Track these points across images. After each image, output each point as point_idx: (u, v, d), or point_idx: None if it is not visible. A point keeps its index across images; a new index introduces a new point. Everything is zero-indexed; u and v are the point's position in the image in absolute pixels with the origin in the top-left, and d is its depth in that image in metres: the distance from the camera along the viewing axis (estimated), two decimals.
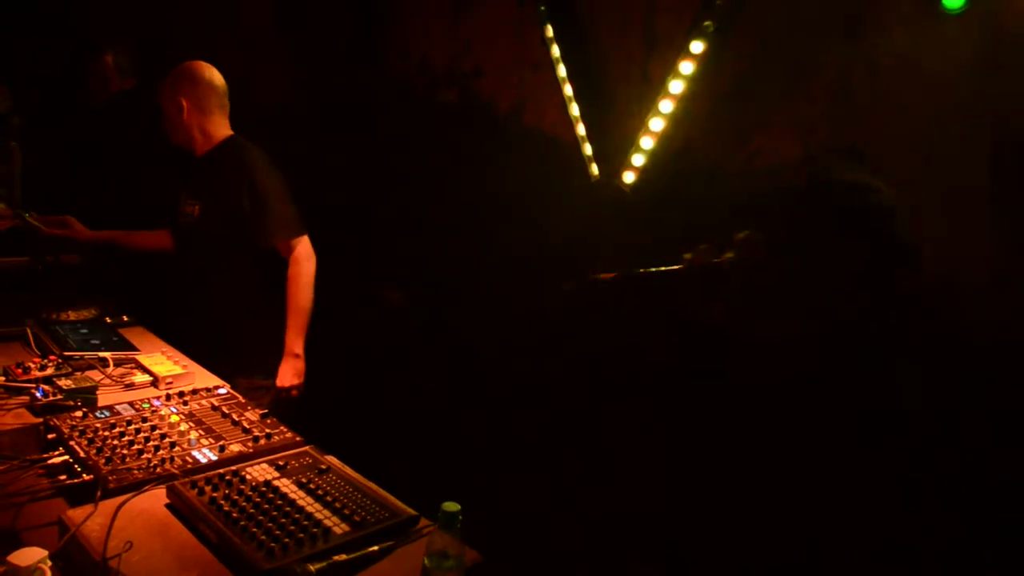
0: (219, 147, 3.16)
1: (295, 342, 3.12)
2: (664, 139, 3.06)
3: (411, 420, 3.92)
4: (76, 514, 1.68)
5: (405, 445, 3.72)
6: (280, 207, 3.08)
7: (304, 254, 3.12)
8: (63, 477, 1.90)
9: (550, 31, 3.35)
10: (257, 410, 2.33)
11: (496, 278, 3.72)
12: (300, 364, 3.14)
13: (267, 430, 2.18)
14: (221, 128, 3.18)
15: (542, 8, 3.34)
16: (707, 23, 2.82)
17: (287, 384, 3.11)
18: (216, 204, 3.11)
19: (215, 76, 3.15)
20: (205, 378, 2.65)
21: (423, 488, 1.98)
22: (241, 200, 3.03)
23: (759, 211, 1.74)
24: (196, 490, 1.80)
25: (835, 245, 1.61)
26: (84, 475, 1.88)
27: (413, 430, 3.87)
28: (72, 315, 3.05)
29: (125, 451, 1.98)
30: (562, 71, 3.32)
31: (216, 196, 3.11)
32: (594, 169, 3.29)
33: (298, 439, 2.17)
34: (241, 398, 2.43)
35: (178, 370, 2.59)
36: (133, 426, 2.12)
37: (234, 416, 2.26)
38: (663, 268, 1.87)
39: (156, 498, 1.84)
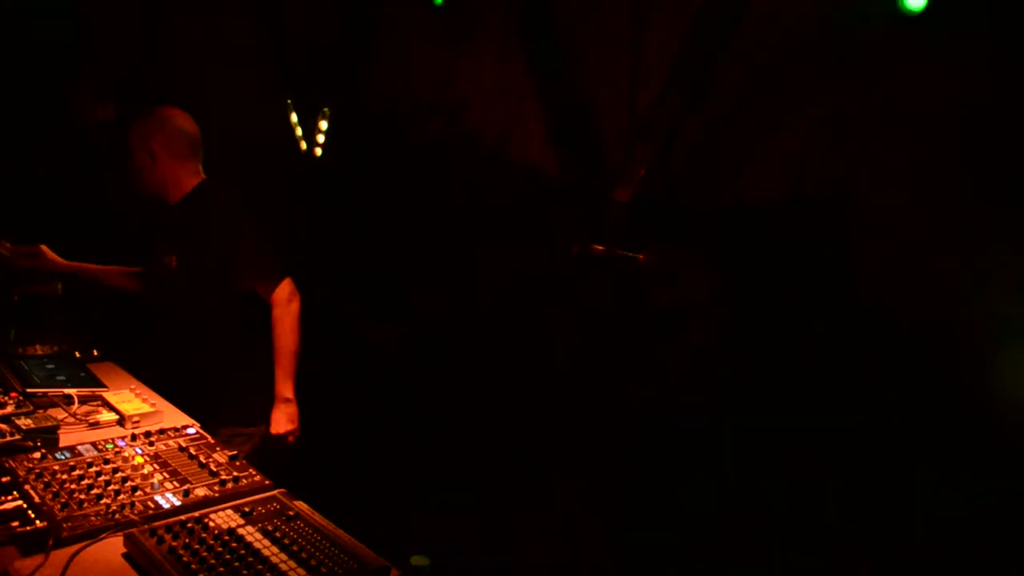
0: (192, 194, 3.02)
1: (285, 386, 2.93)
2: (652, 173, 3.00)
3: (398, 460, 3.80)
4: (24, 565, 1.58)
5: (389, 487, 3.60)
6: (256, 250, 2.92)
7: (286, 296, 2.94)
8: (15, 524, 1.78)
9: (535, 63, 3.31)
10: (226, 451, 2.23)
11: (486, 311, 3.65)
12: (293, 409, 2.95)
13: (235, 473, 2.08)
14: (193, 174, 3.04)
15: (528, 40, 3.31)
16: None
17: (282, 431, 2.92)
18: (193, 253, 2.95)
19: (187, 122, 3.03)
20: (174, 417, 2.54)
21: (401, 534, 1.89)
22: (217, 246, 2.88)
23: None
24: (155, 539, 1.70)
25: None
26: (37, 522, 1.77)
27: (399, 470, 3.75)
28: (40, 349, 2.94)
29: (83, 496, 1.88)
30: (547, 104, 3.28)
31: (193, 245, 2.96)
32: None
33: (267, 483, 2.07)
34: (210, 438, 2.33)
35: (146, 408, 2.49)
36: (94, 468, 2.02)
37: (201, 458, 2.16)
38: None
39: (113, 547, 1.74)
